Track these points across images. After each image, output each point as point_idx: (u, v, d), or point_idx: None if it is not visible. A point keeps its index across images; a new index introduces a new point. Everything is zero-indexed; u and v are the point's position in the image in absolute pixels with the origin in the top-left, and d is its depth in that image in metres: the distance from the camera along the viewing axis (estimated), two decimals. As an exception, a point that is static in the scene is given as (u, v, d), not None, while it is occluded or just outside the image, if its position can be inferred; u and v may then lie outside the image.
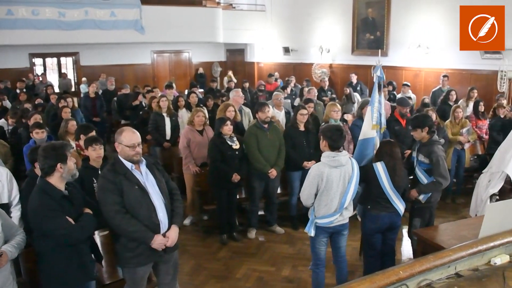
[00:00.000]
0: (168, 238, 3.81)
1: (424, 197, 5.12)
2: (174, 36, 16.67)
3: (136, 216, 3.70)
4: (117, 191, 3.66)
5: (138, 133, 3.88)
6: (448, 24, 11.97)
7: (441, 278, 2.94)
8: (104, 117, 11.72)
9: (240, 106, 8.15)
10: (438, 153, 5.03)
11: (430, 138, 5.17)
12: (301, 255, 6.02)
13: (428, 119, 5.25)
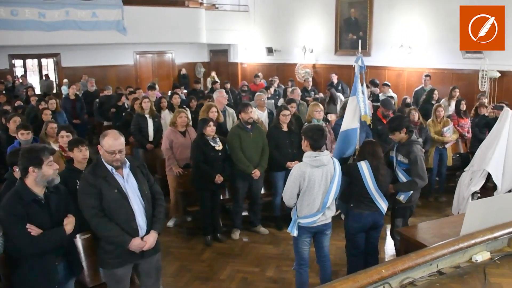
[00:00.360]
0: (146, 243, 3.78)
1: (404, 197, 5.14)
2: (156, 36, 16.54)
3: (115, 220, 3.66)
4: (96, 194, 3.62)
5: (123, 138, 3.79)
6: (430, 24, 12.11)
7: (423, 276, 2.98)
8: (85, 119, 11.61)
9: (224, 107, 8.12)
10: (417, 153, 5.04)
11: (408, 138, 5.19)
12: (285, 255, 6.02)
13: (404, 120, 5.28)
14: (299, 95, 9.49)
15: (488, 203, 3.54)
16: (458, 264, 3.15)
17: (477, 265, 3.13)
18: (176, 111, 7.20)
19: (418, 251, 3.00)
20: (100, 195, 3.63)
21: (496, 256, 3.24)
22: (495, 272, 3.04)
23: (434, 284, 2.90)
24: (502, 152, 6.10)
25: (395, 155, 5.25)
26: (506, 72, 10.48)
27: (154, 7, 16.43)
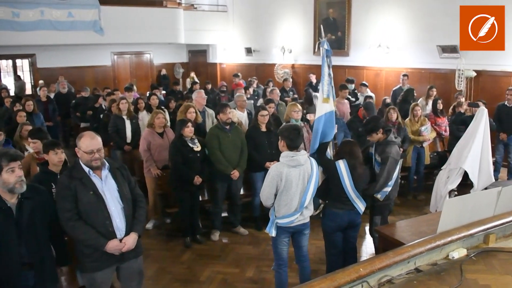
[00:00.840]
0: (125, 244, 3.72)
1: (382, 195, 5.18)
2: (134, 37, 16.38)
3: (90, 222, 3.61)
4: (71, 197, 3.57)
5: (99, 137, 3.75)
6: (407, 24, 12.22)
7: (401, 274, 3.00)
8: (58, 121, 11.46)
9: (204, 107, 8.09)
10: (389, 154, 5.08)
11: (385, 138, 5.23)
12: (265, 256, 6.01)
13: (380, 121, 5.33)
14: (278, 95, 9.49)
15: (464, 201, 3.57)
16: (435, 261, 3.19)
17: (453, 262, 3.17)
18: (153, 112, 7.14)
19: (396, 249, 3.01)
20: (75, 198, 3.57)
21: (472, 253, 3.29)
22: (471, 268, 3.08)
23: (411, 282, 2.92)
24: (478, 150, 6.19)
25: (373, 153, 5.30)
26: (481, 71, 10.62)
27: (131, 7, 16.26)
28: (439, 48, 11.33)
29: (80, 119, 11.15)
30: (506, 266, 3.13)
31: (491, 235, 3.46)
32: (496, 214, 3.63)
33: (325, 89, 5.34)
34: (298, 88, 14.62)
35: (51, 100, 11.52)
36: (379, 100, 11.16)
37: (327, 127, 5.29)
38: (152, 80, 18.88)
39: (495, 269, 3.08)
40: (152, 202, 6.99)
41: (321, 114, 5.28)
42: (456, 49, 10.89)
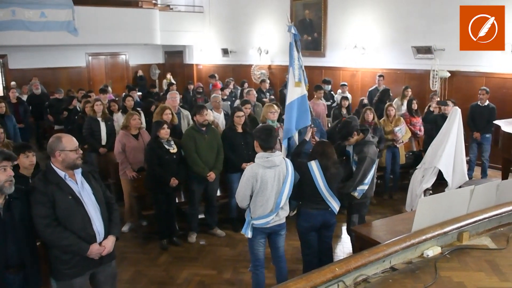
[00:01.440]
0: (105, 248, 3.69)
1: (359, 193, 5.21)
2: (109, 38, 16.21)
3: (70, 227, 3.54)
4: (48, 202, 3.49)
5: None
6: (383, 26, 12.34)
7: (376, 273, 3.01)
8: (29, 123, 11.26)
9: (179, 108, 8.03)
10: (367, 154, 5.13)
11: (363, 138, 5.28)
12: (242, 257, 6.00)
13: (351, 125, 5.34)
14: (255, 96, 9.48)
15: (438, 199, 3.61)
16: (410, 260, 3.21)
17: (428, 260, 3.20)
18: (128, 114, 7.07)
19: (371, 249, 3.03)
20: (53, 203, 3.50)
21: (446, 251, 3.32)
22: (445, 266, 3.11)
23: (387, 280, 2.94)
24: (452, 149, 6.28)
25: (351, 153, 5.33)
26: (455, 72, 10.77)
27: (106, 8, 16.10)
28: (414, 49, 11.46)
29: (54, 121, 10.97)
30: (479, 263, 3.16)
31: (465, 233, 3.49)
32: (469, 212, 3.67)
33: (296, 73, 5.37)
34: (275, 89, 14.65)
35: (22, 101, 11.35)
36: (356, 100, 11.25)
37: (301, 112, 5.31)
38: (128, 81, 18.70)
39: (469, 266, 3.11)
40: (128, 205, 6.93)
41: (293, 99, 5.30)
42: (431, 50, 11.05)
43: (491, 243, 3.50)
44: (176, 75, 19.04)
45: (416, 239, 3.17)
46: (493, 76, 10.11)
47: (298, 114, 5.31)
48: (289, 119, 5.35)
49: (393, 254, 3.06)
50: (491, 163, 9.15)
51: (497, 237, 3.61)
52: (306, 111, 5.39)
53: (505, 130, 7.58)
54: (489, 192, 3.95)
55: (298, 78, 5.36)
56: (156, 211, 6.36)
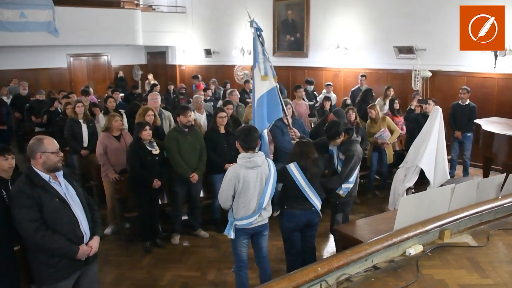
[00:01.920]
0: (91, 248, 3.72)
1: (344, 191, 5.24)
2: (91, 38, 16.05)
3: (58, 230, 3.53)
4: (36, 206, 3.45)
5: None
6: (365, 26, 12.42)
7: (359, 272, 3.03)
8: (12, 125, 11.12)
9: (160, 110, 7.98)
10: (354, 152, 5.20)
11: (349, 138, 5.32)
12: (226, 258, 5.97)
13: (339, 126, 5.36)
14: (238, 97, 9.46)
15: (419, 198, 3.64)
16: (392, 258, 3.23)
17: (410, 258, 3.22)
18: (109, 115, 7.00)
19: (353, 248, 3.04)
20: (40, 206, 3.46)
21: (428, 249, 3.35)
22: (427, 264, 3.14)
23: (369, 279, 2.95)
24: (433, 148, 6.34)
25: (335, 152, 5.34)
26: (437, 71, 10.89)
27: (87, 8, 15.91)
28: (395, 49, 11.55)
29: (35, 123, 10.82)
30: (460, 260, 3.20)
31: (446, 231, 3.52)
32: (451, 210, 3.71)
33: (261, 67, 5.38)
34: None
35: (4, 103, 11.20)
36: (339, 100, 11.29)
37: (272, 105, 5.31)
38: (111, 83, 18.56)
39: (450, 264, 3.14)
40: (110, 207, 6.88)
41: (263, 93, 5.31)
42: (412, 50, 11.14)
43: (472, 241, 3.54)
44: (158, 76, 18.95)
45: (398, 237, 3.20)
46: (473, 75, 10.24)
47: (269, 107, 5.31)
48: (260, 113, 5.34)
49: (375, 253, 3.08)
50: (473, 162, 9.27)
51: (477, 235, 3.65)
52: (277, 104, 5.38)
53: (486, 129, 7.67)
54: (469, 190, 3.99)
55: (264, 71, 5.37)
56: (139, 213, 6.31)
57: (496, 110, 9.71)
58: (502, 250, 3.42)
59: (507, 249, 3.43)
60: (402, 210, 3.41)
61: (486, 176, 7.59)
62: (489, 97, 10.00)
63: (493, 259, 3.22)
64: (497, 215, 4.00)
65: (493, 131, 7.50)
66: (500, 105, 9.85)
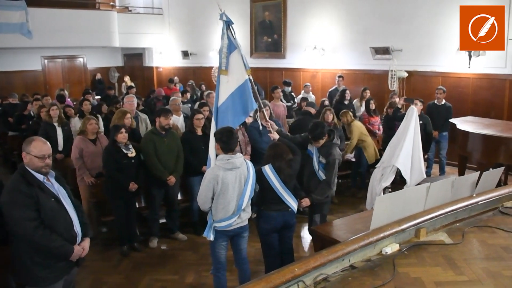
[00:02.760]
0: (83, 249, 3.75)
1: None
2: (66, 40, 15.81)
3: (55, 229, 3.55)
4: (34, 205, 3.45)
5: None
6: (342, 27, 12.51)
7: (336, 272, 3.03)
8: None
9: (137, 112, 7.93)
10: (336, 156, 5.22)
11: (329, 140, 5.33)
12: (205, 260, 5.94)
13: (324, 128, 5.36)
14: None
15: (395, 197, 3.67)
16: (369, 258, 3.24)
17: (386, 257, 3.23)
18: (85, 118, 6.93)
19: (330, 248, 3.04)
20: (37, 205, 3.47)
21: (404, 247, 3.36)
22: (403, 262, 3.15)
23: (346, 279, 2.95)
24: (409, 148, 6.39)
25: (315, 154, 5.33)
26: (413, 72, 11.02)
27: (62, 9, 15.69)
28: (372, 50, 11.65)
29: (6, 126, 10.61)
30: (435, 258, 3.22)
31: (422, 229, 3.55)
32: (426, 209, 3.74)
33: (223, 61, 5.33)
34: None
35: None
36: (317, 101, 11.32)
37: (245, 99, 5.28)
38: (87, 85, 18.32)
39: (426, 262, 3.16)
40: (86, 211, 6.71)
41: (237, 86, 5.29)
42: (389, 51, 11.26)
43: (448, 238, 3.57)
44: (135, 78, 18.80)
45: (374, 237, 3.21)
46: (449, 75, 10.39)
47: (242, 102, 5.28)
48: (234, 107, 5.30)
49: (352, 252, 3.08)
50: (449, 161, 9.38)
51: (453, 232, 3.68)
52: (249, 96, 5.33)
53: (461, 128, 7.77)
54: (444, 189, 4.05)
55: (225, 66, 5.33)
56: (116, 216, 6.25)
57: (471, 110, 9.86)
58: (477, 247, 3.46)
59: (482, 246, 3.47)
60: (378, 210, 3.42)
61: (461, 175, 7.70)
62: (464, 97, 10.16)
63: (467, 256, 3.25)
64: (471, 212, 4.04)
65: (468, 130, 7.60)
66: (475, 105, 10.01)
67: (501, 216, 4.05)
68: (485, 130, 7.49)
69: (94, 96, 12.80)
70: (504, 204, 4.26)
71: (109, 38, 16.99)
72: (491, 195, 4.16)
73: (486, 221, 3.93)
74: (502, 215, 4.08)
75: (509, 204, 4.29)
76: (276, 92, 9.88)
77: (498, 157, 7.16)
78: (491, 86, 9.83)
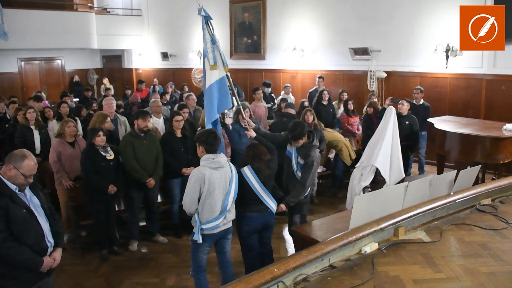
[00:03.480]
0: (55, 259, 3.68)
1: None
2: (43, 42, 15.58)
3: (25, 241, 3.46)
4: (3, 217, 3.36)
5: None
6: (321, 28, 12.57)
7: (316, 272, 3.04)
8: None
9: (116, 115, 7.86)
10: (314, 158, 5.18)
11: (308, 141, 5.30)
12: (185, 263, 5.89)
13: (305, 128, 5.34)
14: (195, 100, 9.40)
15: (374, 197, 3.69)
16: (348, 257, 3.26)
17: (366, 256, 3.26)
18: (63, 121, 6.85)
19: (309, 248, 3.06)
20: (7, 216, 3.38)
21: (383, 246, 3.40)
22: (382, 261, 3.18)
23: (326, 278, 2.97)
24: (388, 147, 6.44)
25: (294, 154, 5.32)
26: (391, 72, 11.12)
27: (39, 11, 15.45)
28: (351, 50, 11.73)
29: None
30: (414, 256, 3.25)
31: (401, 228, 3.58)
32: (405, 207, 3.78)
33: (210, 56, 5.32)
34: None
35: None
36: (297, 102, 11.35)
37: (221, 95, 5.26)
38: (65, 87, 18.04)
39: (404, 260, 3.19)
40: (65, 215, 6.69)
41: (212, 82, 5.26)
42: (367, 51, 11.34)
43: (426, 237, 3.61)
44: (115, 80, 18.64)
45: (353, 236, 3.23)
46: (426, 75, 10.51)
47: (219, 97, 5.26)
48: (210, 103, 5.29)
49: (332, 252, 3.10)
50: (428, 160, 9.46)
51: (431, 231, 3.73)
52: (226, 93, 5.32)
53: (439, 128, 7.85)
54: (422, 188, 4.09)
55: (213, 61, 5.31)
56: (95, 220, 6.17)
57: (449, 109, 10.00)
58: (454, 245, 3.50)
59: (459, 243, 3.52)
60: (357, 209, 3.45)
61: (440, 173, 7.78)
62: (442, 97, 10.28)
63: (445, 254, 3.30)
64: (449, 210, 4.10)
65: (445, 129, 7.68)
66: (452, 104, 10.15)
67: (478, 214, 4.10)
68: (462, 129, 7.58)
69: (72, 99, 12.66)
70: (481, 202, 4.31)
71: (87, 40, 16.81)
72: (468, 193, 4.22)
73: (464, 219, 3.98)
74: (479, 212, 4.13)
75: (486, 202, 4.34)
76: (257, 93, 9.88)
77: (475, 155, 7.26)
78: (468, 86, 9.97)
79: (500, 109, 9.45)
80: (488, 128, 7.65)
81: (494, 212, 4.10)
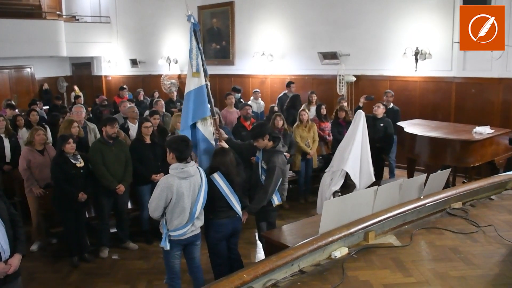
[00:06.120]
0: (11, 266, 3.61)
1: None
2: (12, 50, 15.45)
3: None
4: None
5: None
6: (289, 33, 12.65)
7: (286, 277, 3.01)
8: None
9: (85, 122, 7.78)
10: (276, 164, 5.07)
11: (273, 146, 5.22)
12: (156, 269, 5.88)
13: (266, 127, 5.31)
14: (163, 106, 9.33)
15: (343, 201, 3.67)
16: (318, 262, 3.23)
17: (336, 261, 3.23)
18: (32, 129, 6.76)
19: (279, 253, 3.04)
20: None
21: (353, 251, 3.38)
22: (352, 265, 3.16)
23: (295, 284, 2.95)
24: (357, 152, 6.49)
25: (260, 159, 5.30)
26: (361, 76, 11.22)
27: (7, 19, 15.35)
28: (320, 55, 11.82)
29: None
30: (384, 260, 3.25)
31: (371, 232, 3.57)
32: (375, 212, 3.76)
33: (193, 63, 5.28)
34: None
35: None
36: (267, 107, 11.36)
37: (198, 103, 5.23)
38: (35, 95, 17.80)
39: (374, 265, 3.19)
40: (35, 223, 6.61)
41: (190, 89, 5.23)
42: (336, 56, 11.44)
43: (396, 241, 3.59)
44: (84, 87, 18.43)
45: (323, 241, 3.21)
46: (396, 79, 10.62)
47: (195, 105, 5.24)
48: (185, 109, 5.27)
49: (301, 257, 3.07)
50: (398, 163, 9.52)
51: (401, 235, 3.71)
52: (203, 102, 5.27)
53: (408, 131, 7.82)
54: (392, 192, 4.06)
55: (196, 68, 5.28)
56: (65, 227, 6.11)
57: (418, 112, 10.04)
58: (425, 249, 3.50)
59: (429, 247, 3.51)
60: (326, 214, 3.42)
61: (411, 177, 7.84)
62: (411, 100, 10.40)
63: (416, 258, 3.28)
64: (419, 214, 4.07)
65: (415, 133, 7.65)
66: (422, 108, 10.24)
67: (449, 218, 4.09)
68: (431, 133, 7.56)
69: (41, 106, 12.44)
70: (451, 206, 4.29)
71: (56, 48, 16.66)
72: (439, 197, 4.20)
73: (434, 222, 3.96)
74: (450, 216, 4.12)
75: (456, 205, 4.32)
76: (228, 99, 9.80)
77: (445, 159, 7.23)
78: (437, 89, 10.08)
79: (470, 112, 9.53)
80: (458, 131, 7.63)
81: (464, 215, 4.08)
